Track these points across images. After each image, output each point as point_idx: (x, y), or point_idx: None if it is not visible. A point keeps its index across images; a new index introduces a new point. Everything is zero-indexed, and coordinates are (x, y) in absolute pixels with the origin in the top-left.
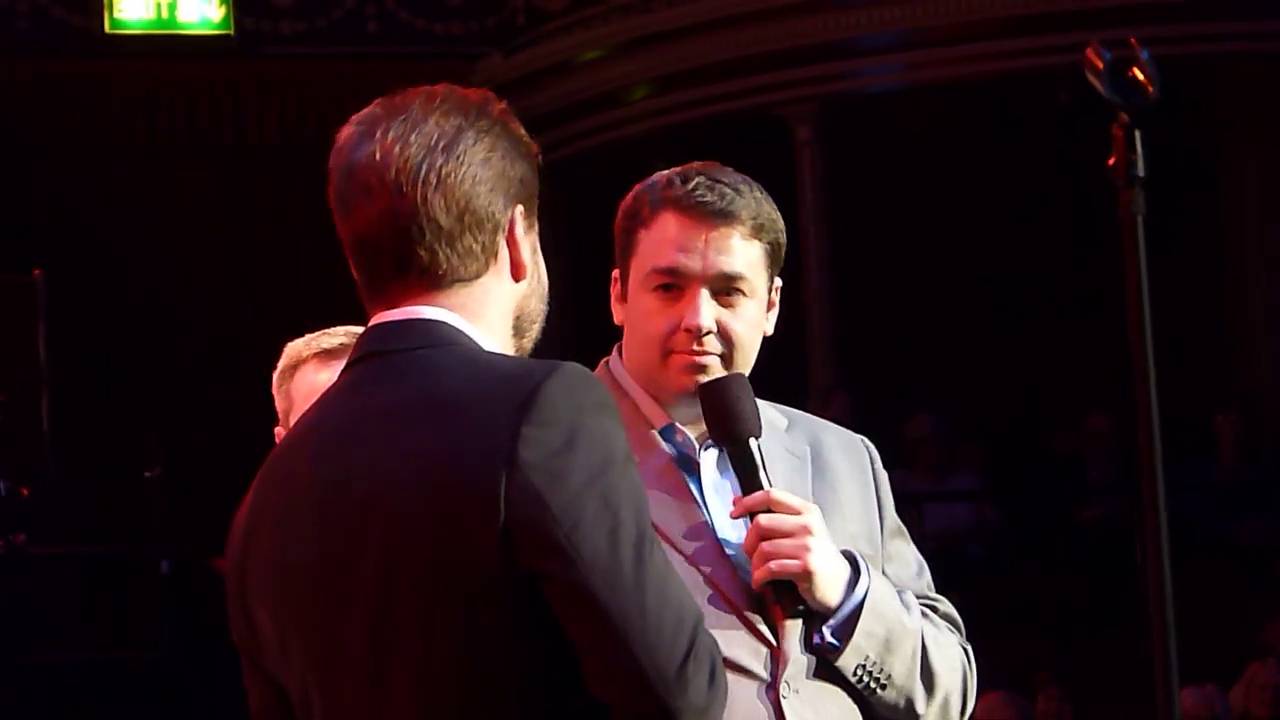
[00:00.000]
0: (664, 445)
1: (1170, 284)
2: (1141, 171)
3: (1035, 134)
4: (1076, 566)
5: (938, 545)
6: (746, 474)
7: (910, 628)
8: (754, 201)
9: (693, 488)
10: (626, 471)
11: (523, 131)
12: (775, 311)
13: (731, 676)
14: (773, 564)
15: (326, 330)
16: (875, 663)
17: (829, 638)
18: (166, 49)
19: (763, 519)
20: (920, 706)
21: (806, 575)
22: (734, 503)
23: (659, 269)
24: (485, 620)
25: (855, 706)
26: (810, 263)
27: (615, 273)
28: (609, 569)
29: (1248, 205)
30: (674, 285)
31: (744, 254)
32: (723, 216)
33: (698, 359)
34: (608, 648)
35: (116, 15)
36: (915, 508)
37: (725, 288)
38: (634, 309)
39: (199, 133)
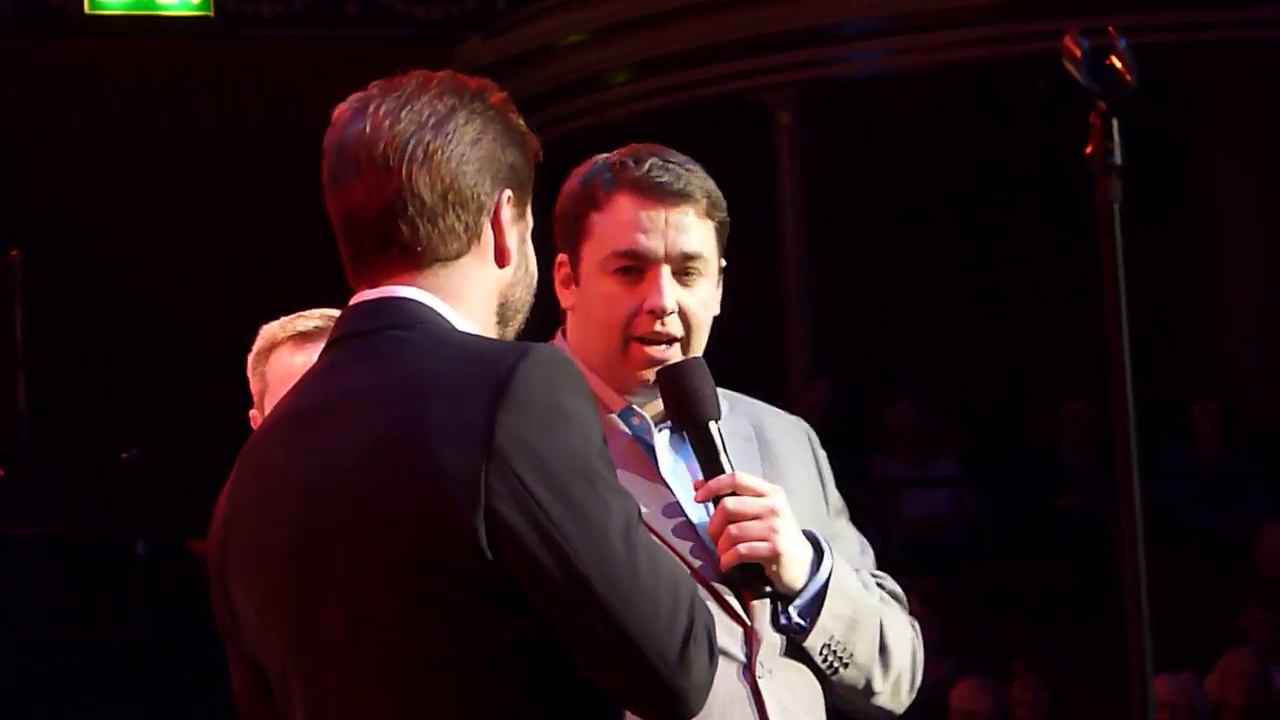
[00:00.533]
0: (623, 427)
1: (1151, 273)
2: (1119, 159)
3: (1018, 121)
4: (1055, 554)
5: (916, 532)
6: (708, 457)
7: (871, 607)
8: (704, 180)
9: (657, 468)
10: (605, 454)
11: (521, 123)
12: (720, 290)
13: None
14: (741, 547)
15: (302, 313)
16: (840, 642)
17: (796, 618)
18: (146, 30)
19: (729, 502)
20: (877, 685)
21: (775, 557)
22: (696, 487)
23: (619, 252)
24: (462, 604)
25: (819, 686)
26: (790, 248)
27: (560, 257)
28: (602, 555)
29: (1227, 194)
30: (634, 268)
31: (700, 233)
32: (681, 196)
33: (657, 350)
34: (607, 635)
35: None
36: (894, 494)
37: (684, 267)
38: (590, 293)
39: (180, 115)
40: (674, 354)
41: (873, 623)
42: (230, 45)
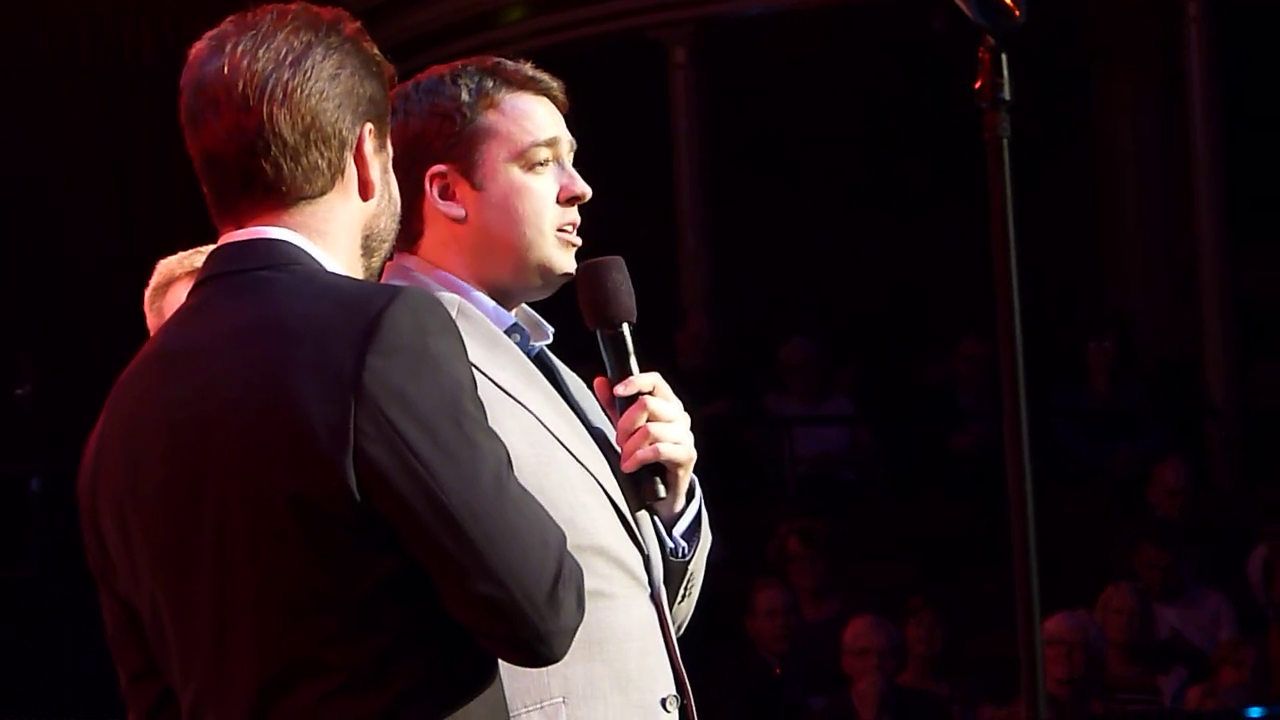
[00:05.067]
0: (516, 346)
1: (1044, 210)
2: (1007, 95)
3: (912, 58)
4: (950, 492)
5: (810, 469)
6: (618, 358)
7: (708, 545)
8: None
9: (551, 381)
10: (475, 396)
11: (375, 51)
12: None
13: (625, 581)
14: (661, 446)
15: (199, 248)
16: (693, 574)
17: (681, 541)
18: None
19: (651, 401)
20: (682, 630)
21: (688, 463)
22: (623, 383)
23: (541, 141)
24: (331, 545)
25: None
26: (684, 186)
27: (439, 168)
28: (471, 496)
29: (1120, 130)
30: (550, 158)
31: None
32: (556, 93)
33: (574, 237)
34: (476, 575)
35: None
36: (787, 431)
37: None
38: (503, 193)
39: (65, 47)
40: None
41: (704, 563)
42: None
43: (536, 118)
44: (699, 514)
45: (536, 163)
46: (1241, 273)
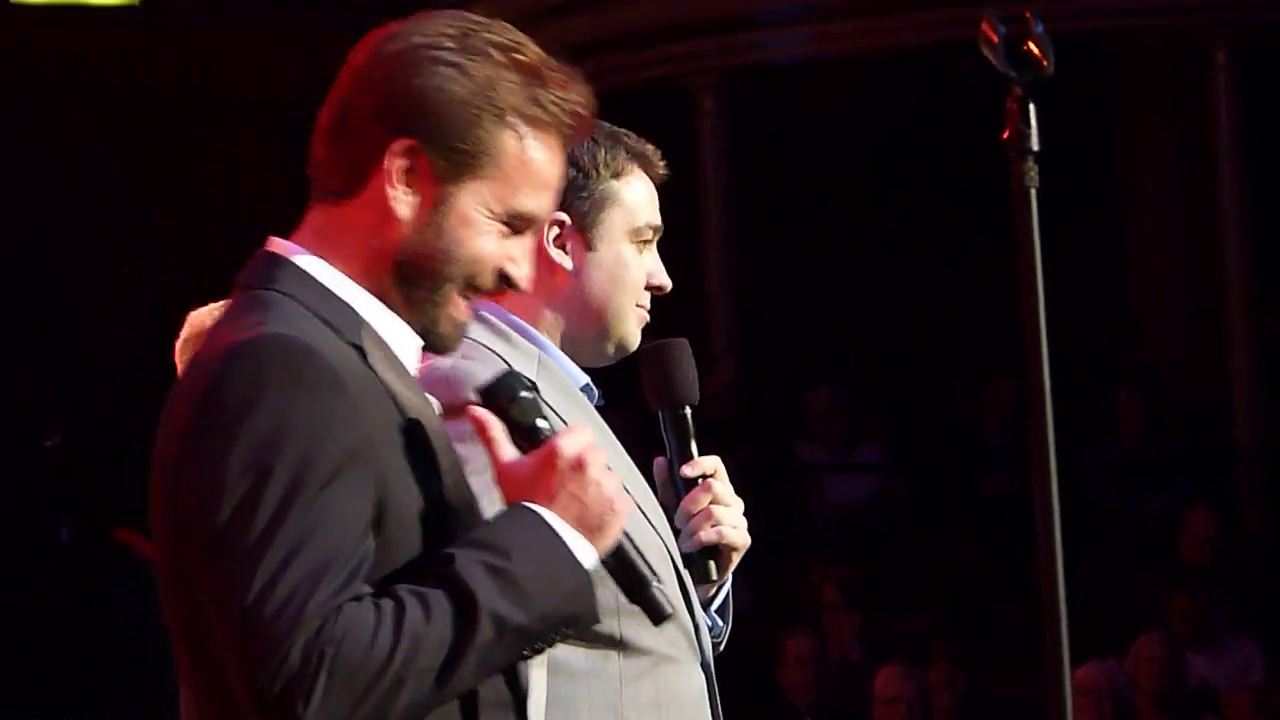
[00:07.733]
0: (591, 405)
1: (1070, 258)
2: (1035, 144)
3: (940, 107)
4: (980, 537)
5: (839, 517)
6: (680, 439)
7: None
8: None
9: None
10: (306, 455)
11: (505, 94)
12: None
13: (687, 649)
14: (725, 529)
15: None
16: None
17: (718, 619)
18: (72, 20)
19: (718, 485)
20: None
21: (744, 548)
22: (689, 464)
23: (654, 225)
24: (185, 583)
25: None
26: (712, 235)
27: (560, 216)
28: (222, 549)
29: (1145, 178)
30: (649, 241)
31: None
32: (660, 180)
33: (645, 317)
34: (217, 628)
35: None
36: (816, 480)
37: None
38: (613, 259)
39: (94, 82)
40: None
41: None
42: (159, 33)
43: (653, 200)
44: (728, 597)
45: (643, 242)
46: (1268, 319)
